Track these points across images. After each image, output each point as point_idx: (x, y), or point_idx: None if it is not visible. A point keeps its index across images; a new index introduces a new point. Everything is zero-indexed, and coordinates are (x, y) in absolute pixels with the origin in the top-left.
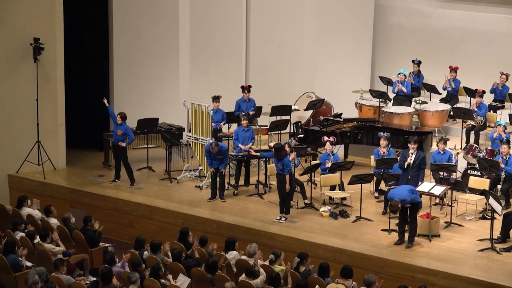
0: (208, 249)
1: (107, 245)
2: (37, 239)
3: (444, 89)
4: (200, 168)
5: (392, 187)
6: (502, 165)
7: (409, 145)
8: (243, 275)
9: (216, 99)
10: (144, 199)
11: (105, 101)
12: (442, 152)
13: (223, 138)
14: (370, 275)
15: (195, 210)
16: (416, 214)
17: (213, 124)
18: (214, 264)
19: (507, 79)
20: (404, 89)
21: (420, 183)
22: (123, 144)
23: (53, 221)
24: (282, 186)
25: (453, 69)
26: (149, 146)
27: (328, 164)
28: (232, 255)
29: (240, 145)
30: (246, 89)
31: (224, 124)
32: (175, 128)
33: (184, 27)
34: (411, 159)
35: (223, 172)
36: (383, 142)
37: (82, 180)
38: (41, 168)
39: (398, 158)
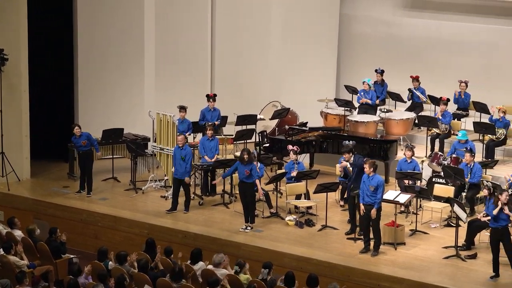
0: (173, 258)
1: (72, 256)
2: (1, 251)
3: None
4: (166, 178)
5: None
6: (467, 180)
7: (343, 155)
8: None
9: (182, 109)
10: (109, 209)
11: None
12: (409, 161)
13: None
14: (334, 284)
15: (161, 220)
16: (378, 222)
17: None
18: (180, 273)
19: (466, 86)
20: (369, 101)
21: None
22: (99, 154)
23: (17, 233)
24: (245, 195)
25: (415, 79)
26: (114, 156)
27: (294, 173)
28: (199, 265)
29: (206, 157)
30: (211, 97)
31: (189, 134)
32: (140, 139)
33: (149, 36)
34: (341, 170)
35: (187, 182)
36: (347, 156)
37: (47, 191)
38: (5, 180)
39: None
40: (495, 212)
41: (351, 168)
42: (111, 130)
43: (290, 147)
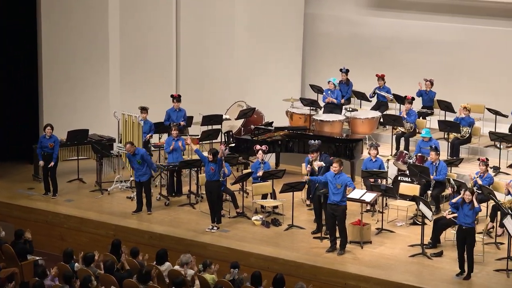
0: (139, 260)
1: (37, 258)
2: None
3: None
4: (131, 179)
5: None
6: (432, 177)
7: (310, 155)
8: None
9: (143, 110)
10: (75, 211)
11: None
12: (374, 160)
13: (153, 148)
14: (300, 283)
15: (127, 221)
16: (344, 221)
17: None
18: (147, 274)
19: (432, 85)
20: (335, 100)
21: None
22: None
23: None
24: (212, 194)
25: (380, 77)
26: (79, 157)
27: (260, 173)
28: (165, 266)
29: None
30: (175, 98)
31: (151, 136)
32: (106, 139)
33: (114, 38)
34: (309, 169)
35: (149, 183)
36: (314, 155)
37: (12, 193)
38: None
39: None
40: (455, 200)
41: (316, 168)
42: (76, 131)
43: (258, 147)
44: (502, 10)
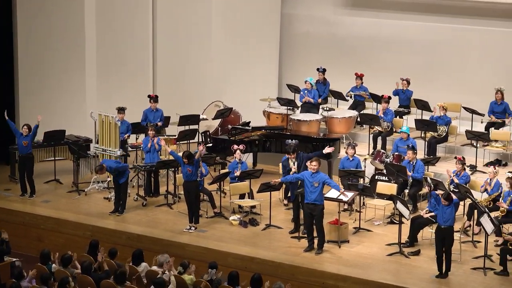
0: (117, 261)
1: (14, 259)
2: None
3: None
4: (109, 179)
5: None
6: (409, 173)
7: (288, 155)
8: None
9: (120, 110)
10: (52, 212)
11: (5, 114)
12: (351, 159)
13: (130, 149)
14: (278, 283)
15: (104, 222)
16: (322, 220)
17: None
18: (122, 274)
19: (408, 84)
20: (312, 100)
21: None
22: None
23: None
24: (189, 194)
25: (359, 76)
26: (56, 158)
27: (237, 173)
28: (142, 267)
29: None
30: (152, 98)
31: (128, 136)
32: (83, 140)
33: (90, 37)
34: (295, 168)
35: (126, 185)
36: (292, 155)
37: None
38: None
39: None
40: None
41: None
42: (53, 132)
43: (235, 146)
44: (478, 10)
